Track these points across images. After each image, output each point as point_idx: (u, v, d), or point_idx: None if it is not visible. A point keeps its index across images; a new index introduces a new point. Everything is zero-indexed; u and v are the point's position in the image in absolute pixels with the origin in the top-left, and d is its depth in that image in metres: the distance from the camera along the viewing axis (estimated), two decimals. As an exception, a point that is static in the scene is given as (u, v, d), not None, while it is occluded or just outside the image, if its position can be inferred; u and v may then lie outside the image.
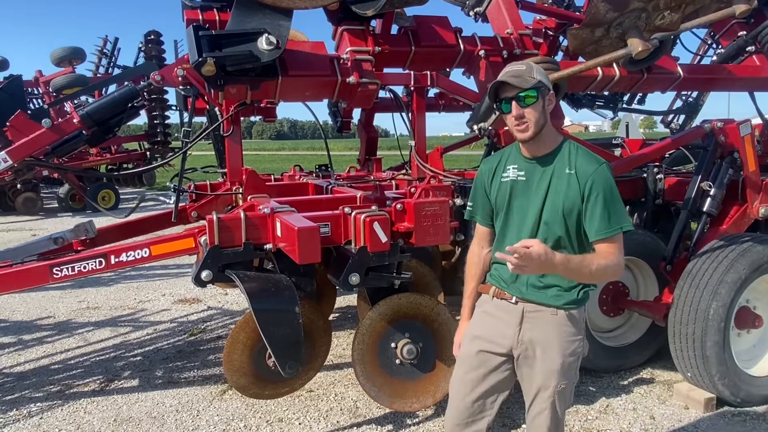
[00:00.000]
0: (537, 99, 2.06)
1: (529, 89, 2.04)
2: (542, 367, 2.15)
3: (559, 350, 2.13)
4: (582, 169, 2.07)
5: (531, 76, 2.06)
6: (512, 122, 2.09)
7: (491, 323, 2.26)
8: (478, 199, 2.34)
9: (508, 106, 2.08)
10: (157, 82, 3.71)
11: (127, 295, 6.59)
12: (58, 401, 3.89)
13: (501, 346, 2.22)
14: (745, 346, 3.84)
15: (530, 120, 2.06)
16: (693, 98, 7.06)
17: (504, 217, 2.23)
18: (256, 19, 2.94)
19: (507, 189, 2.20)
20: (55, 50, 13.69)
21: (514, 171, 2.19)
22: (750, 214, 4.09)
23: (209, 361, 4.55)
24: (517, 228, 2.18)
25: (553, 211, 2.10)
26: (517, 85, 2.04)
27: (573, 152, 2.12)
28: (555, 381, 2.13)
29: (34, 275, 3.46)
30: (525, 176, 2.16)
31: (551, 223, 2.11)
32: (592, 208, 2.04)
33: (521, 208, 2.17)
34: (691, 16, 3.28)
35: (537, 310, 2.16)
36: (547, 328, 2.15)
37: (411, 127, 4.35)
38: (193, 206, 4.47)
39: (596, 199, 2.03)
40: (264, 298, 2.98)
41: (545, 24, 4.89)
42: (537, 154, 2.15)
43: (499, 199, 2.23)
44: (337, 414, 3.64)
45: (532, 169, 2.16)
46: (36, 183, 13.92)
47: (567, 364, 2.14)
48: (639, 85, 3.88)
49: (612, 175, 2.09)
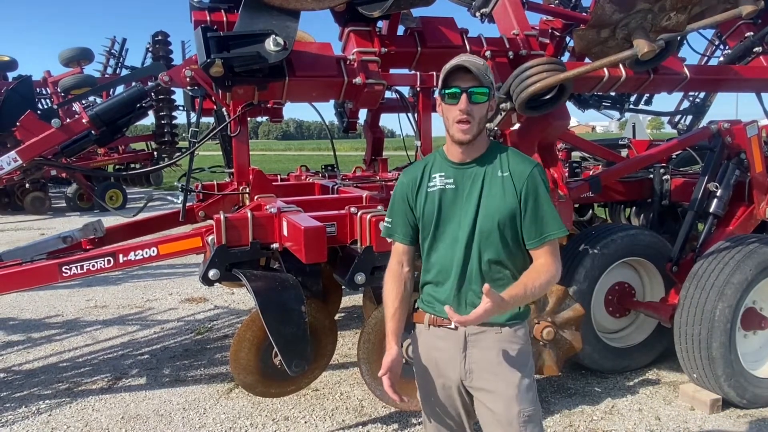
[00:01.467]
0: (487, 100, 1.88)
1: (484, 86, 1.85)
2: (498, 397, 1.92)
3: (510, 373, 1.92)
4: (517, 171, 1.90)
5: (487, 73, 1.88)
6: (454, 117, 1.86)
7: (433, 357, 2.02)
8: (398, 214, 2.06)
9: (455, 99, 1.85)
10: (165, 83, 3.74)
11: (134, 294, 6.64)
12: (66, 398, 3.93)
13: (450, 380, 2.00)
14: (752, 347, 3.83)
15: (474, 120, 1.86)
16: (700, 99, 7.03)
17: (433, 231, 1.98)
18: (263, 21, 2.97)
19: (435, 199, 1.96)
20: (64, 51, 13.80)
21: (441, 179, 1.96)
22: (757, 215, 4.09)
23: (216, 360, 4.58)
24: (450, 241, 1.95)
25: (488, 217, 1.90)
26: (476, 75, 1.82)
27: (503, 153, 1.96)
28: (517, 408, 1.90)
29: (43, 274, 3.50)
30: (453, 183, 1.95)
31: (487, 231, 1.90)
32: (531, 211, 1.89)
33: (452, 219, 1.95)
34: (698, 16, 3.27)
35: (480, 331, 1.93)
36: (493, 350, 1.93)
37: (417, 128, 4.37)
38: (200, 206, 4.51)
39: (534, 201, 1.89)
40: (271, 297, 3.01)
41: (552, 25, 4.89)
42: (466, 159, 1.94)
43: (427, 212, 1.98)
44: (342, 413, 3.66)
45: (462, 175, 1.95)
46: (44, 182, 14.03)
47: (525, 387, 1.92)
48: (645, 86, 3.88)
49: (545, 177, 1.96)
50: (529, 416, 1.92)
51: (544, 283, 1.86)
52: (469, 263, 1.93)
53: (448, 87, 1.87)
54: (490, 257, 1.92)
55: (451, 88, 1.86)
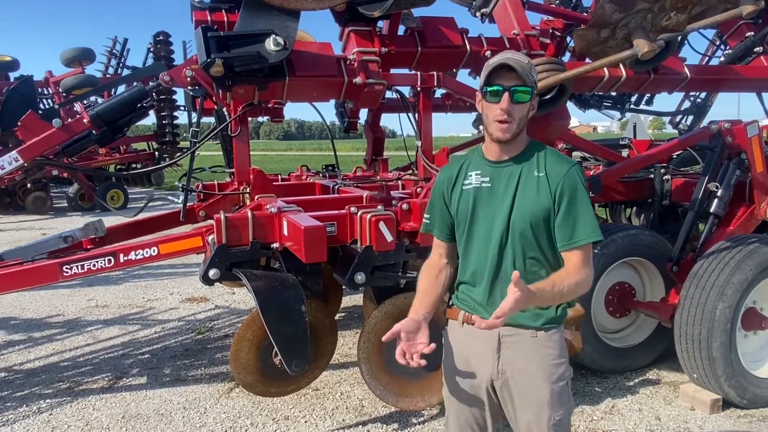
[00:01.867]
0: (529, 100, 1.86)
1: (528, 86, 1.82)
2: (529, 399, 1.92)
3: (545, 377, 1.91)
4: (553, 171, 1.88)
5: (531, 72, 1.84)
6: (495, 115, 1.84)
7: (465, 355, 2.02)
8: (435, 210, 2.08)
9: (497, 98, 1.82)
10: (166, 83, 3.74)
11: (135, 294, 6.64)
12: (67, 398, 3.94)
13: (481, 379, 1.98)
14: (752, 347, 3.83)
15: (515, 120, 1.84)
16: (701, 99, 7.03)
17: (468, 229, 1.98)
18: (263, 20, 2.97)
19: (470, 197, 1.96)
20: (65, 51, 13.83)
21: (477, 177, 1.96)
22: (757, 215, 4.08)
23: (216, 360, 4.58)
24: (484, 239, 1.94)
25: (521, 217, 1.88)
26: (520, 74, 1.80)
27: (541, 153, 1.93)
28: (547, 413, 1.90)
29: (44, 273, 3.51)
30: (489, 182, 1.94)
31: (520, 231, 1.89)
32: (564, 213, 1.85)
33: (487, 217, 1.94)
34: (698, 16, 3.27)
35: (515, 333, 1.92)
36: (528, 352, 1.92)
37: (417, 128, 4.37)
38: (201, 206, 4.51)
39: (569, 203, 1.85)
40: (271, 297, 3.01)
41: (552, 24, 4.89)
42: (504, 158, 1.93)
43: (461, 209, 1.98)
44: (342, 412, 3.67)
45: (498, 173, 1.93)
46: (46, 182, 14.06)
47: (557, 392, 1.92)
48: (646, 86, 3.88)
49: (584, 178, 1.91)
50: (558, 421, 1.92)
51: (573, 285, 1.82)
52: (503, 263, 1.92)
53: (491, 85, 1.84)
54: (523, 257, 1.90)
55: (494, 86, 1.83)
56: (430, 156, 4.28)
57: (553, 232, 1.89)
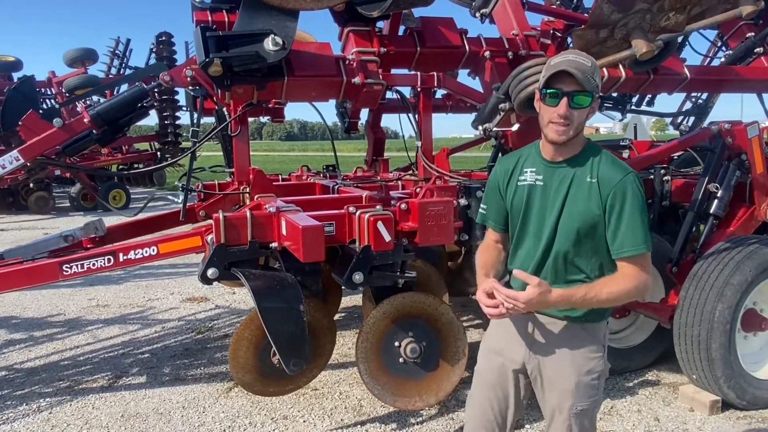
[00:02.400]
0: (589, 104, 1.85)
1: (588, 92, 1.82)
2: (555, 386, 1.98)
3: (573, 367, 1.95)
4: (605, 179, 1.87)
5: (593, 77, 1.83)
6: (552, 118, 1.84)
7: (504, 336, 2.11)
8: (491, 201, 2.13)
9: (557, 101, 1.82)
10: (167, 83, 3.76)
11: (136, 294, 6.66)
12: (66, 397, 3.95)
13: (514, 362, 2.07)
14: (752, 348, 3.82)
15: (573, 123, 1.84)
16: (702, 100, 7.02)
17: (520, 224, 2.04)
18: (262, 20, 2.98)
19: (524, 194, 2.00)
20: (68, 51, 13.88)
21: (532, 175, 1.99)
22: (757, 216, 4.07)
23: (216, 359, 4.59)
24: (534, 237, 2.00)
25: (569, 221, 1.91)
26: (579, 81, 1.78)
27: (596, 158, 1.91)
28: (570, 402, 1.94)
29: (43, 272, 3.52)
30: (543, 181, 1.96)
31: (566, 234, 1.92)
32: (616, 221, 1.85)
33: (538, 215, 1.97)
34: (698, 17, 3.27)
35: (549, 322, 1.99)
36: (559, 342, 1.97)
37: (417, 128, 4.37)
38: (201, 205, 4.52)
39: (618, 213, 1.85)
40: (269, 296, 3.01)
41: (553, 26, 4.89)
42: (559, 158, 1.94)
43: (515, 204, 2.03)
44: (341, 412, 3.67)
45: (551, 173, 1.95)
46: (48, 182, 14.09)
47: (584, 384, 1.95)
48: (645, 86, 3.88)
49: (640, 186, 1.88)
50: (582, 410, 1.96)
51: (617, 292, 1.83)
52: (547, 261, 1.97)
53: (550, 87, 1.84)
54: (566, 260, 1.94)
55: (552, 89, 1.83)
56: (430, 156, 4.29)
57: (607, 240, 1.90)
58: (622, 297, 1.87)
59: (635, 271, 1.85)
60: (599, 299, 1.83)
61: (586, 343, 1.97)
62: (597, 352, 1.99)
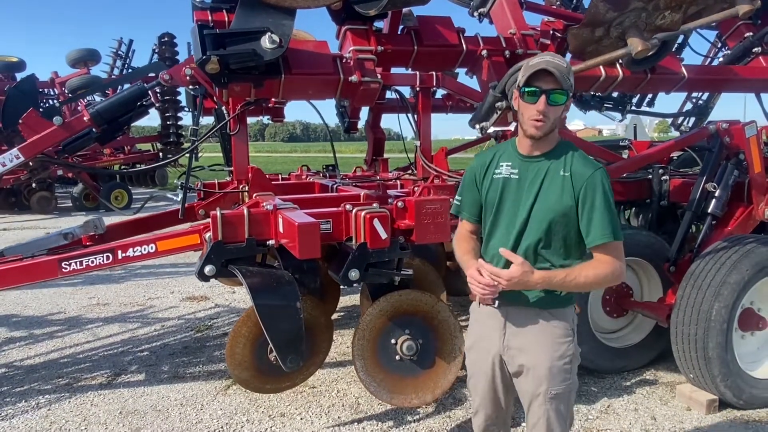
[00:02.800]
0: (565, 102, 1.98)
1: (564, 90, 1.94)
2: (530, 372, 2.08)
3: (545, 353, 2.05)
4: (578, 173, 1.99)
5: (569, 77, 1.95)
6: (530, 115, 1.96)
7: (480, 331, 2.23)
8: (467, 193, 2.25)
9: (534, 98, 1.94)
10: (166, 81, 3.78)
11: (136, 292, 6.68)
12: (65, 393, 3.97)
13: (491, 353, 2.18)
14: (750, 348, 3.81)
15: (550, 119, 1.96)
16: (703, 101, 7.02)
17: (494, 216, 2.14)
18: (259, 19, 2.99)
19: (498, 186, 2.11)
20: (71, 52, 13.93)
21: (508, 168, 2.10)
22: (755, 215, 4.07)
23: (215, 357, 4.60)
24: (506, 227, 2.10)
25: (542, 212, 2.02)
26: (557, 79, 1.91)
27: (569, 154, 2.04)
28: (545, 386, 2.05)
29: (43, 269, 3.54)
30: (518, 174, 2.08)
31: (538, 225, 2.03)
32: (588, 213, 1.97)
33: (512, 207, 2.09)
34: (695, 16, 3.28)
35: (520, 312, 2.10)
36: (530, 330, 2.08)
37: (417, 128, 4.38)
38: (200, 204, 4.55)
39: (592, 204, 1.96)
40: (266, 293, 3.03)
41: (553, 26, 4.90)
42: (534, 153, 2.06)
43: (490, 196, 2.14)
44: (338, 410, 3.68)
45: (526, 167, 2.07)
46: (50, 182, 14.13)
47: (557, 368, 2.05)
48: (643, 86, 3.88)
49: (609, 181, 2.01)
50: (557, 394, 2.06)
51: (592, 277, 1.96)
52: (518, 250, 2.07)
53: (529, 85, 1.96)
54: (538, 250, 2.04)
55: (531, 87, 1.95)
56: (428, 156, 4.30)
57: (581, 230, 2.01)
58: (598, 281, 2.00)
59: (609, 259, 1.98)
60: (577, 282, 1.96)
61: (556, 329, 2.08)
62: (567, 337, 2.09)
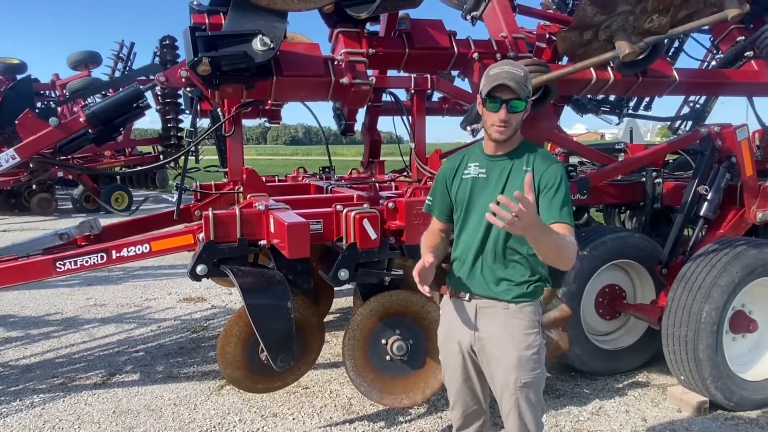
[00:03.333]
0: (524, 108, 2.12)
1: (523, 99, 2.09)
2: (500, 363, 2.18)
3: (512, 344, 2.16)
4: (539, 167, 2.13)
5: (526, 84, 2.11)
6: (494, 121, 2.12)
7: (452, 323, 2.32)
8: (437, 194, 2.38)
9: (496, 107, 2.10)
10: (162, 83, 3.81)
11: (133, 293, 6.70)
12: (60, 393, 3.99)
13: (463, 346, 2.28)
14: (741, 350, 3.83)
15: (512, 125, 2.12)
16: (700, 105, 7.04)
17: (464, 214, 2.27)
18: (251, 21, 3.03)
19: (468, 186, 2.24)
20: (72, 54, 14.00)
21: (476, 168, 2.24)
22: (747, 218, 4.08)
23: (209, 358, 4.62)
24: (476, 223, 2.22)
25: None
26: (515, 90, 2.06)
27: (532, 153, 2.19)
28: (514, 375, 2.14)
29: (37, 268, 3.56)
30: (485, 173, 2.21)
31: None
32: (549, 198, 2.09)
33: (481, 204, 2.20)
34: (685, 20, 3.30)
35: (489, 305, 2.21)
36: (499, 322, 2.19)
37: (411, 130, 4.41)
38: (196, 205, 4.57)
39: (551, 190, 2.09)
40: (257, 293, 3.05)
41: (549, 30, 4.93)
42: (499, 153, 2.21)
43: (459, 196, 2.27)
44: (331, 410, 3.69)
45: (493, 166, 2.21)
46: (51, 184, 14.19)
47: (525, 358, 2.15)
48: (634, 89, 3.90)
49: (564, 174, 2.15)
50: (526, 383, 2.15)
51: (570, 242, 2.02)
52: (487, 243, 2.19)
53: (490, 96, 2.11)
54: (506, 240, 2.16)
55: (492, 97, 2.10)
56: (423, 158, 4.33)
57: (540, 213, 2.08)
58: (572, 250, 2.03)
59: (569, 230, 2.08)
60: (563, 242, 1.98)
61: (523, 321, 2.18)
62: (533, 328, 2.20)
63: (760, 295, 3.83)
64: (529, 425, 2.20)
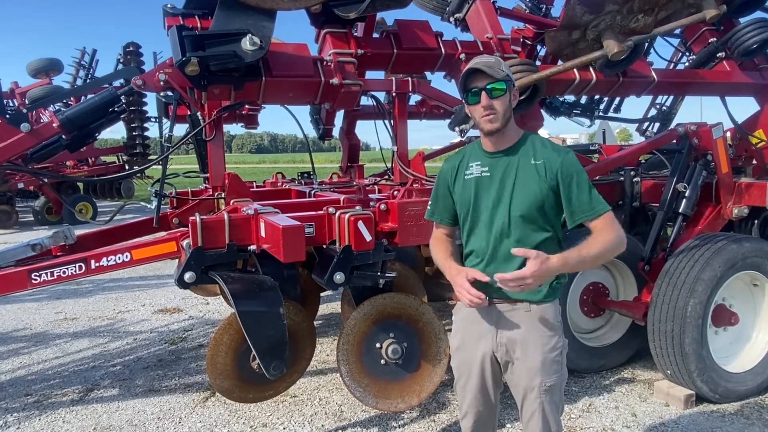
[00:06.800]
0: (505, 92, 2.06)
1: (500, 80, 2.03)
2: (524, 367, 2.12)
3: (537, 347, 2.10)
4: (550, 159, 2.06)
5: (501, 68, 2.06)
6: (480, 113, 2.07)
7: (469, 329, 2.23)
8: (439, 197, 2.29)
9: (477, 98, 2.06)
10: (139, 87, 3.69)
11: (105, 306, 6.48)
12: (35, 411, 3.81)
13: (483, 351, 2.19)
14: (723, 343, 3.91)
15: (498, 111, 2.05)
16: (667, 106, 7.23)
17: (471, 216, 2.17)
18: (239, 20, 2.96)
19: (472, 186, 2.15)
20: (32, 61, 13.49)
21: (478, 167, 2.15)
22: (724, 214, 4.20)
23: (191, 369, 4.49)
24: (486, 224, 2.12)
25: (521, 203, 2.05)
26: (489, 74, 2.02)
27: (536, 143, 2.11)
28: (539, 379, 2.09)
29: (11, 281, 3.39)
30: (489, 172, 2.13)
31: (519, 216, 2.06)
32: (574, 192, 2.03)
33: (488, 204, 2.11)
34: (664, 21, 3.38)
35: (511, 308, 2.13)
36: (522, 325, 2.12)
37: (393, 133, 4.39)
38: (174, 213, 4.44)
39: (573, 183, 2.03)
40: (248, 299, 2.97)
41: (523, 33, 4.99)
42: (500, 148, 2.12)
43: (464, 198, 2.17)
44: (321, 418, 3.62)
45: (495, 163, 2.12)
46: (11, 196, 13.67)
47: (549, 360, 2.10)
48: (615, 89, 3.97)
49: (578, 161, 2.09)
50: (550, 387, 2.11)
51: (604, 247, 1.98)
52: (501, 245, 2.10)
53: (469, 89, 2.08)
54: (521, 240, 2.06)
55: (471, 89, 2.07)
56: (405, 161, 4.30)
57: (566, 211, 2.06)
58: (609, 248, 2.01)
59: (609, 226, 2.03)
60: (591, 255, 1.98)
61: (545, 322, 2.12)
62: (555, 329, 2.15)
63: (740, 289, 3.94)
64: (552, 426, 2.16)
